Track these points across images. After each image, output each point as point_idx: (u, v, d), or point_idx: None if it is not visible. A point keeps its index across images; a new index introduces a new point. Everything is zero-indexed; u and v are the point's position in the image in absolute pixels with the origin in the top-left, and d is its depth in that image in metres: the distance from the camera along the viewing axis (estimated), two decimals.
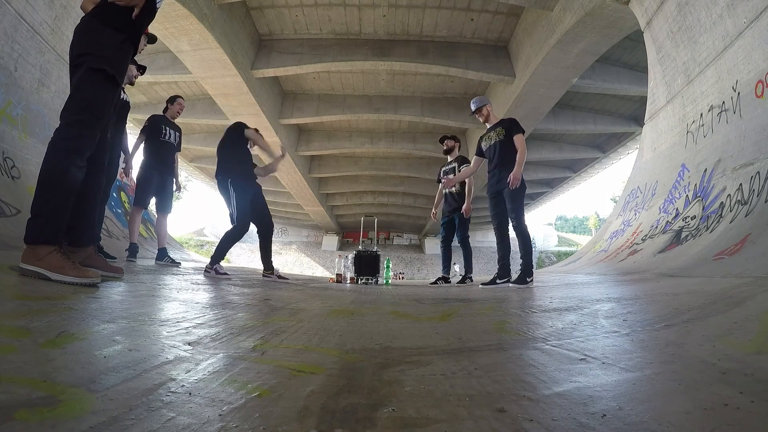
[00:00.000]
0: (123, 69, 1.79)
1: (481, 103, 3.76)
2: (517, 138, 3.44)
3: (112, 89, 1.75)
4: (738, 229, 2.69)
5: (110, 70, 1.70)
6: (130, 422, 0.53)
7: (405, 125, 14.24)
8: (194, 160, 18.43)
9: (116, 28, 1.73)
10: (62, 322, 1.00)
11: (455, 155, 4.74)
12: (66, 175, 1.60)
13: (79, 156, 1.65)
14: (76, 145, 1.64)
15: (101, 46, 1.70)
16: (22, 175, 3.40)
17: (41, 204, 1.58)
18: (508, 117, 3.66)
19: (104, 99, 1.73)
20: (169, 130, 4.14)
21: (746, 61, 3.33)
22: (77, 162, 1.64)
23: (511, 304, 2.07)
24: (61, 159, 1.61)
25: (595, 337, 1.12)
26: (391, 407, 0.63)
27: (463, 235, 4.48)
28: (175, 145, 4.21)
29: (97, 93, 1.70)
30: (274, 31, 9.84)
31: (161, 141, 4.05)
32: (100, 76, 1.69)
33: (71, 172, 1.61)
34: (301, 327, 1.34)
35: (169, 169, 4.16)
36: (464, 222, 4.50)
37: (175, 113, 4.26)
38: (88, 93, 1.68)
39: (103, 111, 1.73)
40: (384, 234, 31.68)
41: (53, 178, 1.60)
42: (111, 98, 1.77)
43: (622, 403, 0.62)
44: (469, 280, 4.51)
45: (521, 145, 3.41)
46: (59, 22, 4.05)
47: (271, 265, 3.84)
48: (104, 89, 1.72)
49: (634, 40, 8.53)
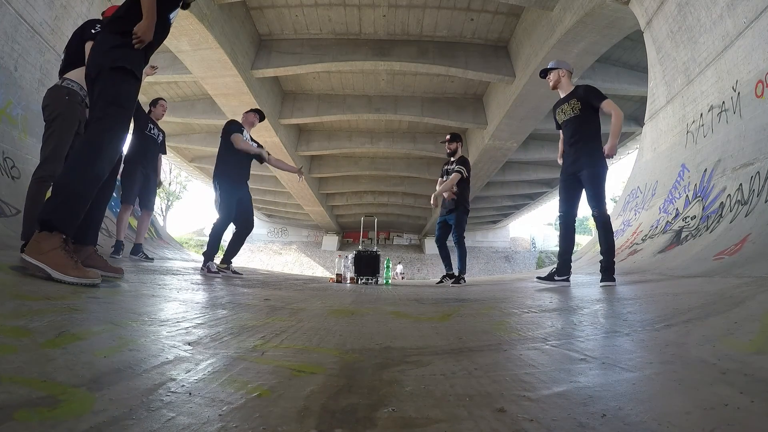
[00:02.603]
0: (140, 65, 1.87)
1: (553, 66, 3.26)
2: (606, 104, 2.96)
3: (133, 83, 1.84)
4: (738, 229, 2.69)
5: (129, 66, 1.79)
6: (130, 422, 0.53)
7: (405, 125, 14.22)
8: (194, 160, 18.42)
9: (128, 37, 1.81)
10: (62, 322, 1.00)
11: (458, 156, 4.75)
12: (93, 167, 1.66)
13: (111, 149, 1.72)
14: (107, 137, 1.72)
15: (117, 49, 1.79)
16: (22, 175, 3.40)
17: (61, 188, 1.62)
18: (584, 84, 3.14)
19: (128, 92, 1.82)
20: (153, 127, 4.18)
21: (746, 61, 3.33)
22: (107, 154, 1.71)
23: (511, 304, 2.07)
24: (92, 151, 1.68)
25: (595, 337, 1.12)
26: (391, 407, 0.63)
27: (458, 235, 4.48)
28: (158, 141, 4.22)
29: (121, 88, 1.79)
30: (274, 31, 9.83)
31: (145, 134, 4.08)
32: (120, 73, 1.77)
33: (98, 164, 1.67)
34: (301, 327, 1.34)
35: (152, 164, 4.17)
36: (460, 223, 4.50)
37: (159, 115, 4.30)
38: (113, 89, 1.76)
39: (130, 103, 1.82)
40: (384, 234, 31.66)
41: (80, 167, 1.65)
42: (134, 91, 1.86)
43: (622, 403, 0.62)
44: (462, 281, 4.48)
45: (614, 109, 2.92)
46: (59, 22, 4.05)
47: (230, 260, 3.86)
48: (127, 84, 1.81)
49: (634, 40, 8.52)
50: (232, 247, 3.86)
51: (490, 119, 11.70)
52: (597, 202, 2.88)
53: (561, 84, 3.23)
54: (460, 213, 4.51)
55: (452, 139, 4.74)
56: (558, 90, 3.27)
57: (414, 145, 14.68)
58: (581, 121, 3.05)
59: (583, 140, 3.02)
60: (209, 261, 3.55)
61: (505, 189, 20.34)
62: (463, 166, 4.55)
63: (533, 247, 34.80)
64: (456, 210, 4.49)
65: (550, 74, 3.27)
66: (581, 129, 3.05)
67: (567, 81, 3.23)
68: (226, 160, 3.73)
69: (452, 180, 4.43)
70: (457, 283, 4.40)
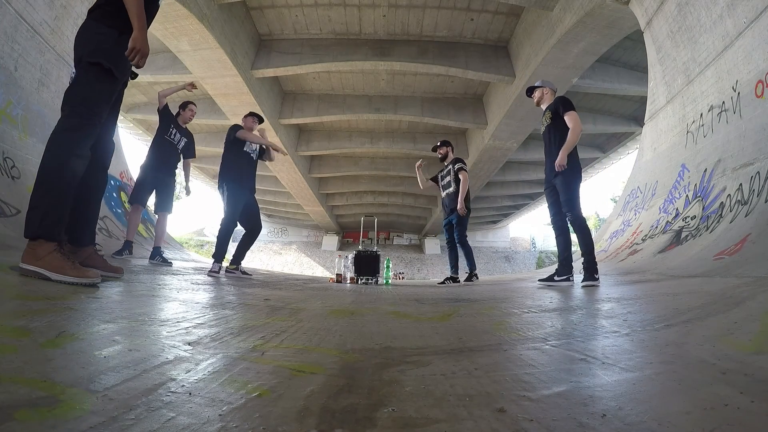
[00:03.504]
0: (120, 63, 1.79)
1: (539, 85, 3.42)
2: (569, 116, 3.08)
3: (109, 82, 1.77)
4: (738, 229, 2.69)
5: (106, 64, 1.72)
6: (130, 422, 0.53)
7: (405, 125, 14.22)
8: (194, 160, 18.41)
9: (111, 25, 1.76)
10: (62, 322, 1.00)
11: (450, 159, 4.82)
12: (65, 167, 1.62)
13: (79, 146, 1.67)
14: (75, 136, 1.66)
15: (97, 41, 1.73)
16: (22, 175, 3.40)
17: (40, 195, 1.59)
18: (560, 96, 3.26)
19: (100, 92, 1.75)
20: (175, 131, 4.21)
21: (746, 61, 3.33)
22: (77, 152, 1.65)
23: (511, 304, 2.07)
24: (61, 150, 1.63)
25: (595, 337, 1.12)
26: (391, 407, 0.63)
27: (461, 235, 4.50)
28: (178, 147, 4.26)
29: (94, 87, 1.72)
30: (274, 31, 9.83)
31: (165, 138, 4.12)
32: (95, 69, 1.71)
33: (71, 163, 1.63)
34: (301, 327, 1.34)
35: (169, 169, 4.19)
36: (461, 222, 4.51)
37: (187, 119, 4.36)
38: (85, 87, 1.71)
39: (100, 104, 1.75)
40: (384, 234, 31.65)
41: (53, 169, 1.61)
42: (108, 91, 1.79)
43: (622, 403, 0.62)
44: (475, 278, 4.54)
45: (573, 121, 3.05)
46: (59, 22, 4.05)
47: (240, 262, 3.94)
48: (101, 82, 1.74)
49: (634, 40, 8.52)
50: (241, 248, 3.91)
51: (490, 119, 11.70)
52: (569, 207, 3.03)
53: (543, 100, 3.41)
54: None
55: (441, 144, 4.93)
56: (541, 105, 3.45)
57: (414, 145, 14.67)
58: (554, 130, 3.19)
59: (554, 149, 3.15)
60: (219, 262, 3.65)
61: (505, 189, 20.35)
62: (460, 163, 4.66)
63: (533, 247, 34.80)
64: (457, 210, 4.51)
65: (535, 92, 3.45)
66: (554, 138, 3.19)
67: (549, 98, 3.39)
68: (230, 166, 3.82)
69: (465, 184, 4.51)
70: (469, 281, 4.43)
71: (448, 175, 4.73)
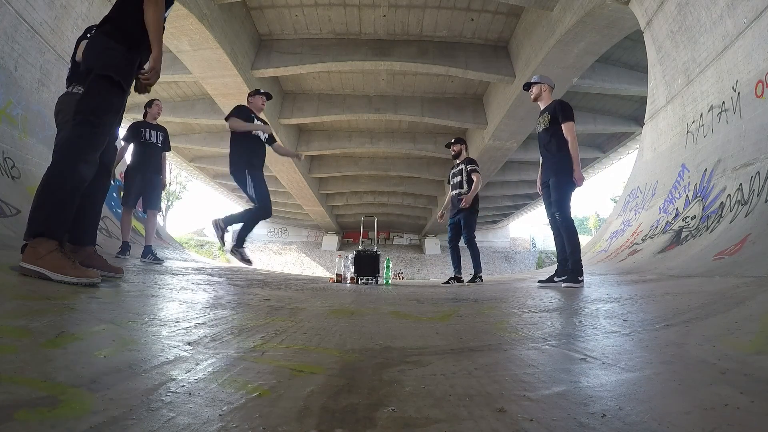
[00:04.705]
0: (128, 76, 1.87)
1: (536, 81, 3.38)
2: (566, 126, 3.07)
3: (118, 94, 1.84)
4: (738, 229, 2.69)
5: (116, 77, 1.79)
6: (130, 422, 0.53)
7: (405, 125, 14.22)
8: (194, 160, 18.41)
9: (120, 41, 1.82)
10: (62, 322, 1.00)
11: (463, 157, 4.77)
12: (74, 171, 1.67)
13: (88, 153, 1.72)
14: (86, 142, 1.73)
15: (108, 56, 1.80)
16: (22, 175, 3.40)
17: (46, 196, 1.63)
18: (560, 100, 3.24)
19: (110, 103, 1.82)
20: (149, 131, 4.23)
21: (746, 61, 3.33)
22: (86, 158, 1.71)
23: (511, 304, 2.07)
24: (71, 155, 1.69)
25: (595, 337, 1.12)
26: (391, 407, 0.63)
27: (468, 236, 4.48)
28: (158, 144, 4.28)
29: (104, 98, 1.79)
30: (274, 31, 9.83)
31: (141, 142, 4.16)
32: (106, 82, 1.78)
33: (79, 168, 1.68)
34: (301, 327, 1.34)
35: (154, 168, 4.23)
36: (469, 223, 4.49)
37: (156, 114, 4.37)
38: (96, 97, 1.77)
39: (111, 116, 1.83)
40: (384, 234, 31.65)
41: (61, 172, 1.66)
42: (117, 103, 1.87)
43: (622, 403, 0.62)
44: (479, 279, 4.51)
45: (570, 134, 3.05)
46: (59, 22, 4.05)
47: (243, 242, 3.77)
48: (110, 94, 1.81)
49: (634, 40, 8.52)
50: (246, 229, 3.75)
51: (490, 119, 11.70)
52: (558, 206, 3.08)
53: (541, 97, 3.37)
54: (469, 213, 4.50)
55: (456, 141, 4.83)
56: (539, 102, 3.42)
57: (414, 145, 14.67)
58: (550, 134, 3.19)
59: (550, 152, 3.18)
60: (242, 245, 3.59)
61: (505, 189, 20.34)
62: (473, 165, 4.60)
63: (533, 247, 34.80)
64: (465, 210, 4.48)
65: (533, 87, 3.42)
66: (550, 142, 3.19)
67: (548, 95, 3.36)
68: (243, 151, 3.67)
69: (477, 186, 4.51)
70: (473, 282, 4.42)
71: (459, 175, 4.65)
